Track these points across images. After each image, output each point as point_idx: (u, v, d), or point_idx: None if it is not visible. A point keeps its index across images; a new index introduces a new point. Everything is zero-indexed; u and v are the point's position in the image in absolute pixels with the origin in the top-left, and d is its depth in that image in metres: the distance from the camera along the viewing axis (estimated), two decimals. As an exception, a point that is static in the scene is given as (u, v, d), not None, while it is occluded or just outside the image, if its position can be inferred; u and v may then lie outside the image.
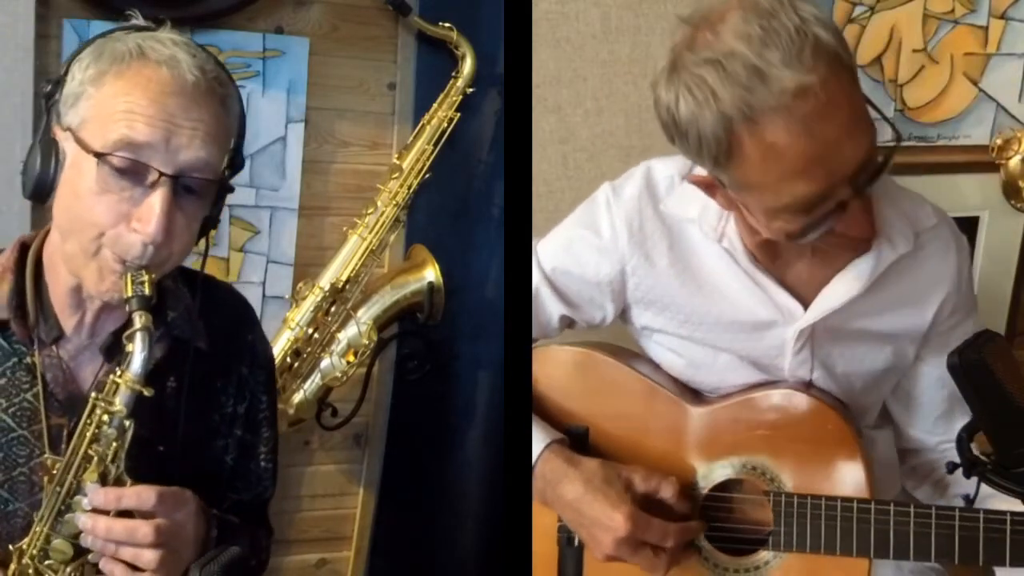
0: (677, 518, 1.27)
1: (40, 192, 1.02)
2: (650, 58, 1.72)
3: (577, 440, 1.33)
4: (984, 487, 1.04)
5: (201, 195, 1.03)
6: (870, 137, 1.06)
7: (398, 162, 1.86)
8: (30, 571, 1.01)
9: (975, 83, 1.80)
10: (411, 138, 1.87)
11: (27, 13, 1.61)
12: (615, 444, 1.34)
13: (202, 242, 1.10)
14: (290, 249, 1.89)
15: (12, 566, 1.02)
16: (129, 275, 0.99)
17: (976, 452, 1.04)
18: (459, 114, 1.86)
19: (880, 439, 1.41)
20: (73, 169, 1.00)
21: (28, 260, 1.09)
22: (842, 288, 1.24)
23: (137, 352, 0.97)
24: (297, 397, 1.82)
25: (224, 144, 1.04)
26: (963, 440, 1.04)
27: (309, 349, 1.81)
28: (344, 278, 1.82)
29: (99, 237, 0.99)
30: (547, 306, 1.38)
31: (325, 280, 1.82)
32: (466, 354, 2.01)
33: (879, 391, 1.37)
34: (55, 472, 1.00)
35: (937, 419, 1.36)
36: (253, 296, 1.87)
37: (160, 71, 0.98)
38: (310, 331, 1.81)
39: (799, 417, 1.27)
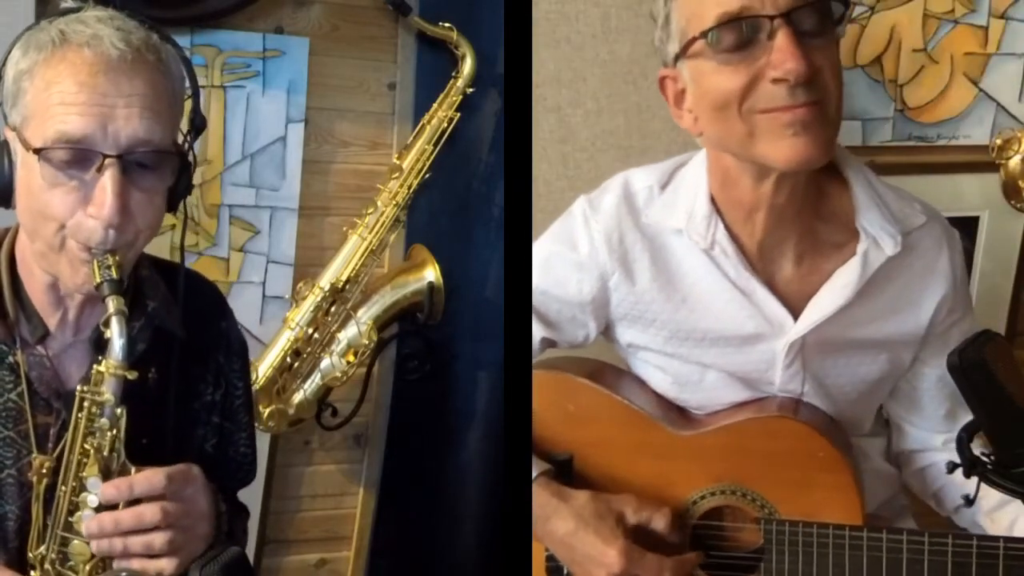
0: (670, 548, 1.25)
1: (0, 194, 1.02)
2: (650, 58, 1.71)
3: (562, 468, 1.30)
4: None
5: (156, 168, 1.00)
6: None
7: (398, 162, 1.86)
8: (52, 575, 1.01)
9: (975, 83, 1.80)
10: (411, 138, 1.87)
11: (27, 13, 1.60)
12: (601, 471, 1.31)
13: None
14: (290, 249, 1.89)
15: (35, 574, 1.02)
16: (96, 261, 0.97)
17: (976, 452, 1.04)
18: (459, 114, 1.86)
19: (873, 448, 1.39)
20: (24, 168, 0.99)
21: (1, 260, 1.07)
22: (831, 296, 1.21)
23: (115, 336, 0.96)
24: (297, 397, 1.82)
25: (168, 112, 1.02)
26: (963, 440, 1.04)
27: (309, 349, 1.81)
28: (344, 278, 1.82)
29: (61, 230, 0.98)
30: None
31: (325, 280, 1.82)
32: (466, 354, 2.01)
33: (874, 399, 1.36)
34: (44, 470, 1.00)
35: (942, 418, 1.34)
36: (253, 296, 1.87)
37: (82, 53, 0.96)
38: (310, 331, 1.81)
39: (790, 444, 1.24)
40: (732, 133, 1.11)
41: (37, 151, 0.96)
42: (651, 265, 1.26)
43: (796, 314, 1.24)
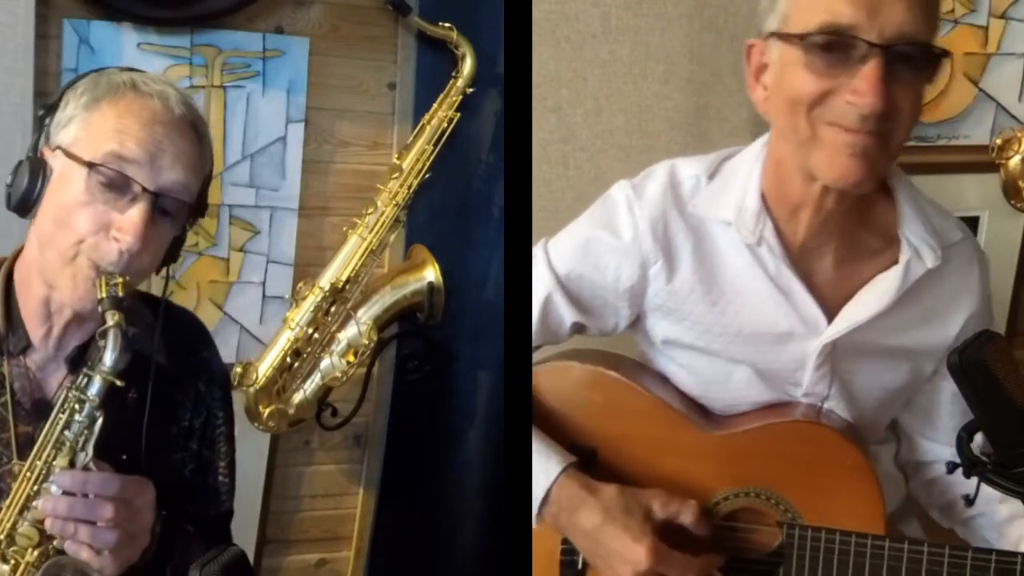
0: (694, 543, 1.24)
1: (23, 206, 1.10)
2: (650, 58, 1.72)
3: (585, 459, 1.28)
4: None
5: (173, 218, 1.12)
6: (924, 16, 1.06)
7: (398, 162, 1.86)
8: None
9: (975, 83, 1.80)
10: (411, 138, 1.87)
11: (27, 13, 1.61)
12: (626, 466, 1.30)
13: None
14: (290, 249, 1.89)
15: None
16: (103, 278, 1.06)
17: (976, 452, 1.04)
18: (459, 114, 1.86)
19: (884, 453, 1.39)
20: (60, 182, 1.08)
21: None
22: (868, 302, 1.21)
23: (110, 348, 1.03)
24: (297, 397, 1.82)
25: (199, 175, 1.14)
26: (963, 440, 1.04)
27: (309, 349, 1.81)
28: (344, 278, 1.82)
29: (78, 244, 1.06)
30: (559, 312, 1.31)
31: (325, 280, 1.82)
32: (466, 354, 2.01)
33: (891, 408, 1.35)
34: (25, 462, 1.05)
35: (953, 431, 1.34)
36: (253, 296, 1.87)
37: (152, 102, 1.10)
38: (310, 331, 1.80)
39: (819, 450, 1.24)
40: (795, 130, 1.12)
41: (90, 165, 1.06)
42: (693, 255, 1.25)
43: (830, 317, 1.24)
